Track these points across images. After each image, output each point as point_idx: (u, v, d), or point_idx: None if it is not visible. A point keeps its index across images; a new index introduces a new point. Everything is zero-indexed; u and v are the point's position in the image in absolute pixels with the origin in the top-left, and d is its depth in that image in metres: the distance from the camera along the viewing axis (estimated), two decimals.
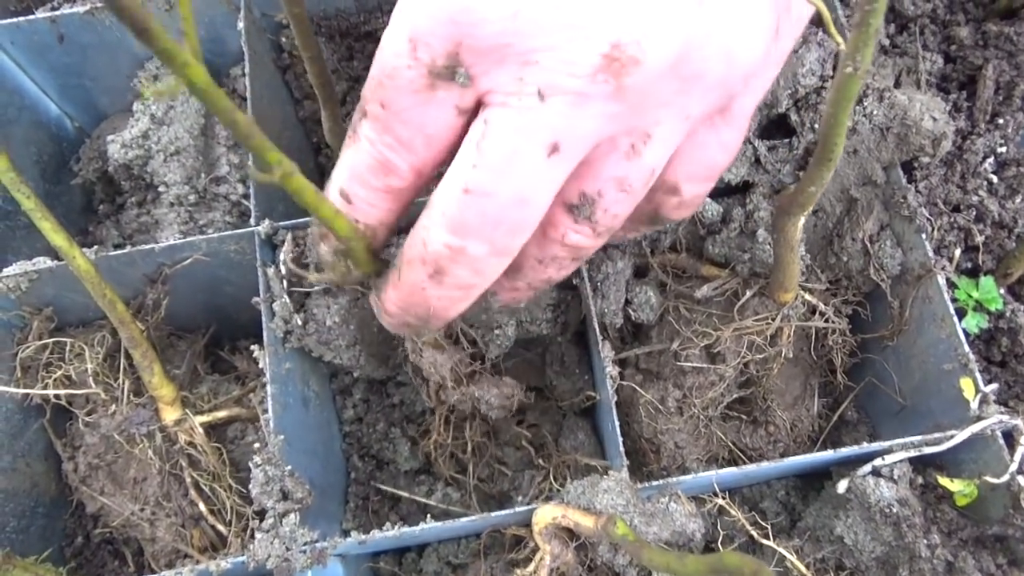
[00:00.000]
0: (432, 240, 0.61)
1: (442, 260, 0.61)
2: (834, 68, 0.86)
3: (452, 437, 0.99)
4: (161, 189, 1.07)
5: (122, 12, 0.39)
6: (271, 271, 0.89)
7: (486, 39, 0.55)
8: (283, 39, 1.12)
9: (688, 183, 0.71)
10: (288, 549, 0.76)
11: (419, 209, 0.65)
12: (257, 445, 0.93)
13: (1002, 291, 0.92)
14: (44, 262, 0.93)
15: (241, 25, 1.02)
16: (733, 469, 0.82)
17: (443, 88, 0.57)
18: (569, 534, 0.79)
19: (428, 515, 0.95)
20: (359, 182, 0.65)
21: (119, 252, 0.93)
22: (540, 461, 1.01)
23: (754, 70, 0.64)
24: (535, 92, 0.55)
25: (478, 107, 0.59)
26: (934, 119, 0.88)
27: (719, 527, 0.93)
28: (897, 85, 0.94)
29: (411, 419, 1.09)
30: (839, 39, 0.47)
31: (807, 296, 0.89)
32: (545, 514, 0.76)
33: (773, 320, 0.88)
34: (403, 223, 0.71)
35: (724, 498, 0.88)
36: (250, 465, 0.81)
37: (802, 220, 0.73)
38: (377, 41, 1.15)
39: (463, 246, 0.60)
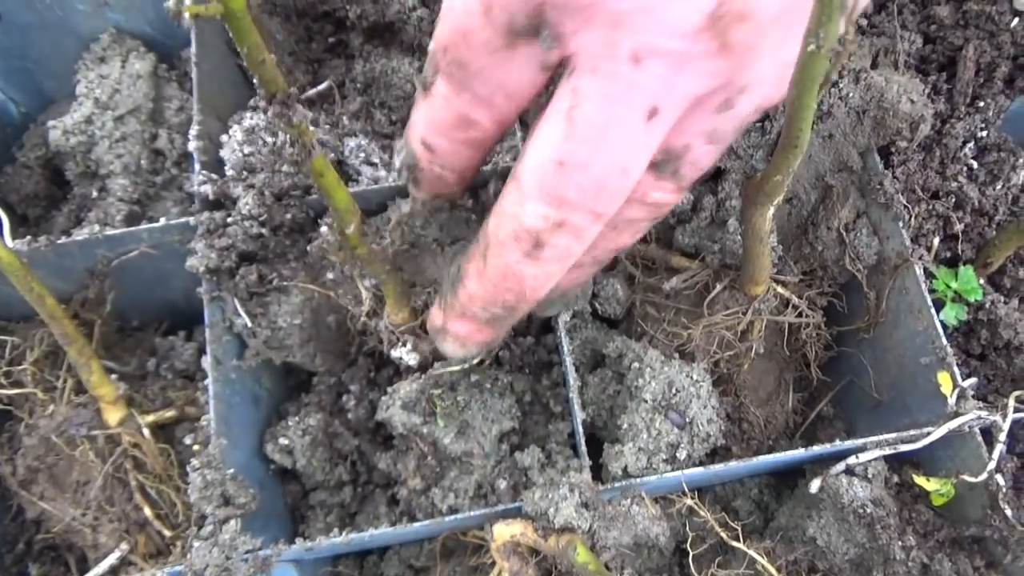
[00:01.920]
0: (528, 215, 0.58)
1: (542, 234, 0.58)
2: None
3: None
4: (107, 178, 1.01)
5: None
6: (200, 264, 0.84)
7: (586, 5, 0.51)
8: None
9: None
10: (228, 558, 0.72)
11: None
12: (197, 447, 0.89)
13: (981, 281, 0.88)
14: None
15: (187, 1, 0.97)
16: (700, 469, 0.78)
17: (525, 46, 0.54)
18: (529, 550, 0.75)
19: (381, 518, 0.91)
20: (439, 134, 0.63)
21: (55, 243, 0.88)
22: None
23: None
24: (628, 55, 0.51)
25: (561, 63, 0.55)
26: (912, 102, 0.84)
27: (688, 528, 0.89)
28: (874, 66, 0.90)
29: None
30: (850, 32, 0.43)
31: (779, 289, 0.86)
32: (503, 532, 0.72)
33: (744, 315, 0.84)
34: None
35: (693, 498, 0.84)
36: (188, 468, 0.76)
37: (771, 210, 0.69)
38: (338, 22, 1.11)
39: (564, 218, 0.57)
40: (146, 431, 0.92)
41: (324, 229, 0.81)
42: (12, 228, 0.95)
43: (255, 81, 0.49)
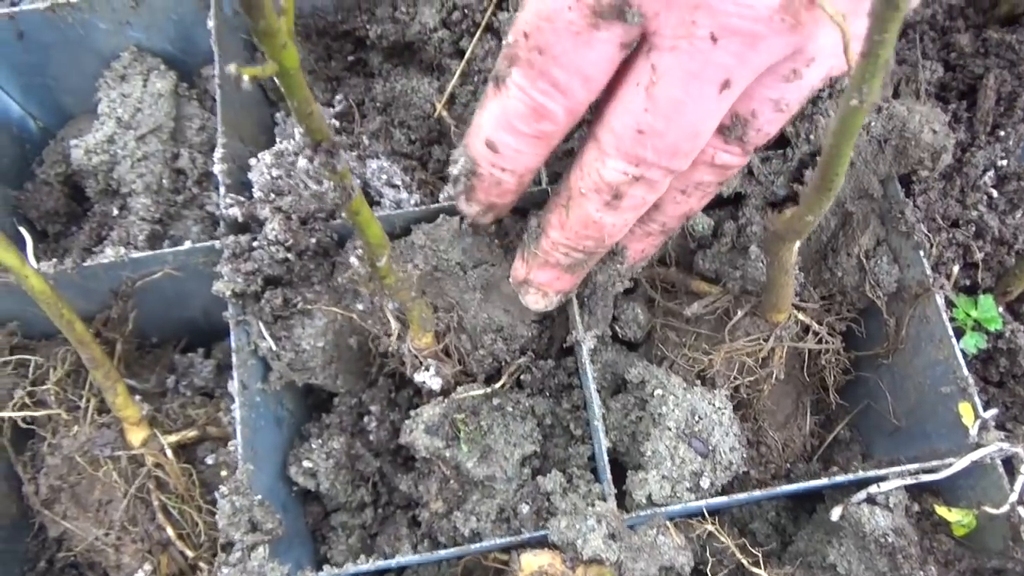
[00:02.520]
0: (609, 171, 0.64)
1: (621, 186, 0.65)
2: (831, 84, 0.82)
3: None
4: (128, 197, 1.02)
5: None
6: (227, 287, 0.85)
7: None
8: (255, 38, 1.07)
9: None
10: None
11: None
12: (225, 472, 0.90)
13: (1001, 309, 0.89)
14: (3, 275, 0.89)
15: (211, 23, 0.97)
16: (724, 498, 0.79)
17: (606, 27, 0.57)
18: None
19: (407, 543, 0.92)
20: (508, 130, 0.66)
21: (82, 266, 0.88)
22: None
23: None
24: (707, 35, 0.55)
25: (637, 43, 0.60)
26: (934, 131, 0.84)
27: (708, 552, 0.90)
28: (896, 95, 0.91)
29: None
30: (851, 60, 0.44)
31: (800, 315, 0.86)
32: (531, 562, 0.73)
33: (765, 341, 0.84)
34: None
35: (714, 523, 0.85)
36: (217, 495, 0.77)
37: (797, 244, 0.70)
38: (358, 41, 1.12)
39: (640, 173, 0.64)
40: (168, 452, 0.92)
41: (354, 261, 0.81)
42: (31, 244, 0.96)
43: (301, 130, 0.49)
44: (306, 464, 0.89)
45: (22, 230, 0.96)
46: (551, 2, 0.58)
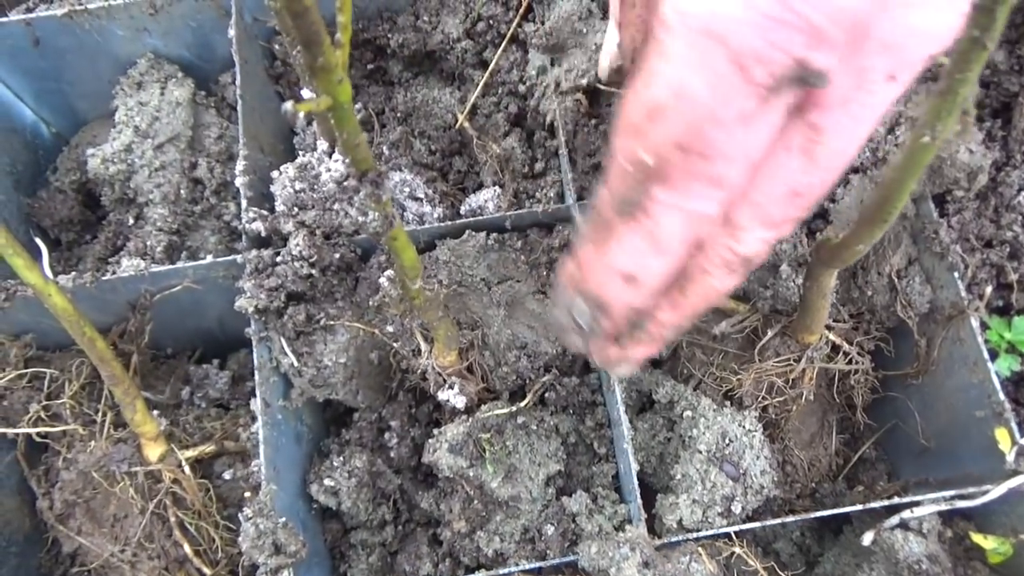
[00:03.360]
0: (748, 245, 0.54)
1: (756, 256, 0.55)
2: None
3: None
4: (145, 206, 1.00)
5: (298, 20, 0.35)
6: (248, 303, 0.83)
7: (845, 31, 0.44)
8: (276, 46, 1.06)
9: None
10: None
11: None
12: (245, 488, 0.88)
13: None
14: (18, 286, 0.87)
15: (232, 32, 0.95)
16: (756, 524, 0.77)
17: (776, 98, 0.47)
18: None
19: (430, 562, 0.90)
20: (655, 256, 0.54)
21: (101, 280, 0.86)
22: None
23: None
24: (885, 76, 0.46)
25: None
26: (970, 151, 0.83)
27: (735, 574, 0.89)
28: None
29: None
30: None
31: (831, 336, 0.85)
32: None
33: (796, 362, 0.83)
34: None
35: (742, 546, 0.84)
36: (240, 517, 0.75)
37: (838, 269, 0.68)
38: (378, 49, 1.10)
39: (780, 234, 0.55)
40: (186, 467, 0.91)
41: (384, 282, 0.80)
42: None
43: (348, 161, 0.48)
44: (328, 483, 0.87)
45: (38, 241, 0.94)
46: (711, 98, 0.46)
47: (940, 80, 0.39)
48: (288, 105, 0.38)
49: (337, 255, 0.85)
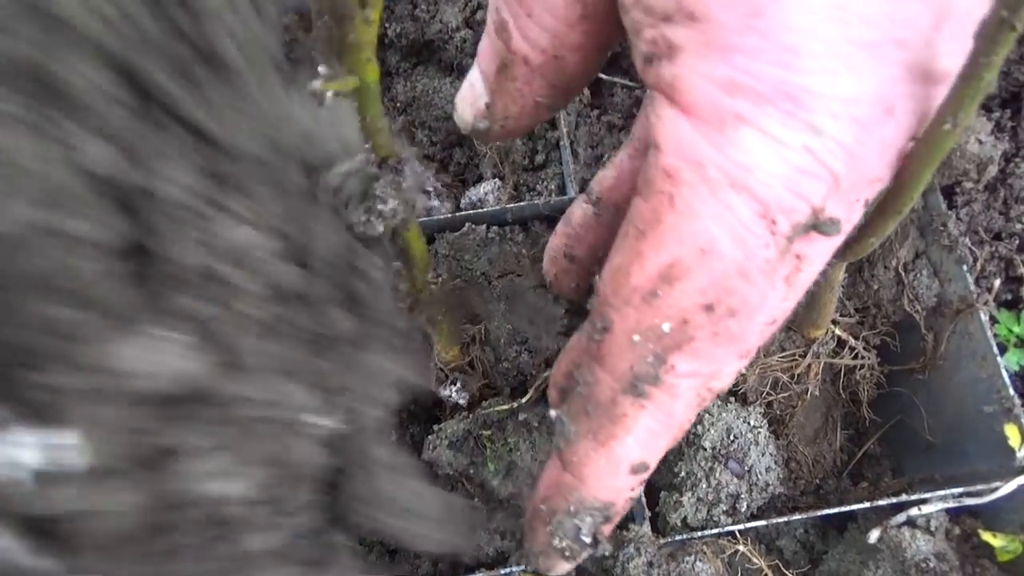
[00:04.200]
0: (724, 376, 0.48)
1: (720, 392, 0.50)
2: None
3: None
4: None
5: None
6: None
7: (862, 179, 0.43)
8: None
9: None
10: None
11: None
12: None
13: None
14: None
15: None
16: (762, 523, 0.76)
17: (791, 247, 0.43)
18: None
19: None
20: (668, 437, 0.49)
21: None
22: None
23: None
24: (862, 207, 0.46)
25: None
26: (980, 142, 0.81)
27: (739, 573, 0.88)
28: None
29: None
30: None
31: (837, 331, 0.83)
32: None
33: (802, 357, 0.81)
34: None
35: (746, 544, 0.83)
36: None
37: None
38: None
39: (745, 363, 0.50)
40: None
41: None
42: None
43: (368, 146, 0.46)
44: None
45: None
46: (739, 251, 0.42)
47: (965, 68, 0.37)
48: (316, 84, 0.36)
49: None
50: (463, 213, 0.87)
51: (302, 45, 0.37)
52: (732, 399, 0.86)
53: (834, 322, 0.86)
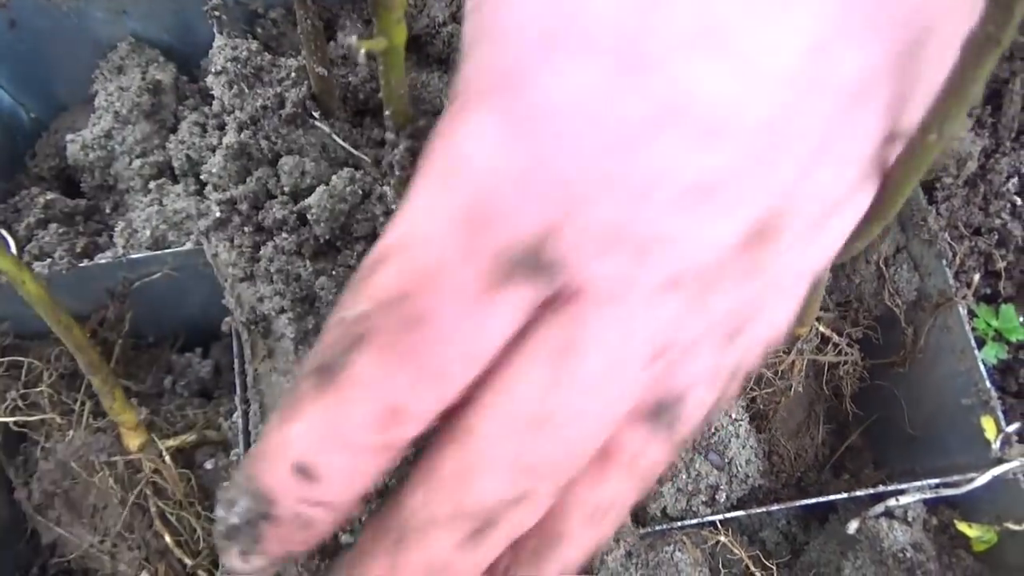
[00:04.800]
0: (480, 491, 0.41)
1: (496, 511, 0.42)
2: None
3: None
4: (126, 193, 0.98)
5: None
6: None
7: (598, 220, 0.37)
8: (259, 30, 1.04)
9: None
10: None
11: None
12: (227, 478, 0.87)
13: (1022, 319, 0.87)
14: None
15: (213, 14, 0.94)
16: (741, 513, 0.77)
17: (512, 288, 0.38)
18: None
19: None
20: (340, 447, 0.41)
21: (77, 266, 0.85)
22: None
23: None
24: (654, 286, 0.38)
25: (543, 305, 0.41)
26: (960, 138, 0.82)
27: (720, 563, 0.88)
28: None
29: None
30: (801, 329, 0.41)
31: (820, 327, 0.84)
32: None
33: (786, 354, 0.82)
34: None
35: (727, 535, 0.84)
36: (216, 506, 0.74)
37: None
38: None
39: (527, 490, 0.42)
40: (167, 457, 0.90)
41: None
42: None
43: (388, 112, 0.46)
44: None
45: (3, 233, 0.93)
46: (429, 255, 0.37)
47: (949, 77, 0.38)
48: (352, 39, 0.38)
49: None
50: None
51: None
52: None
53: (817, 318, 0.87)
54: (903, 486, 0.79)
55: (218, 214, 0.77)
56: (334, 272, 0.72)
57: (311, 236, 0.74)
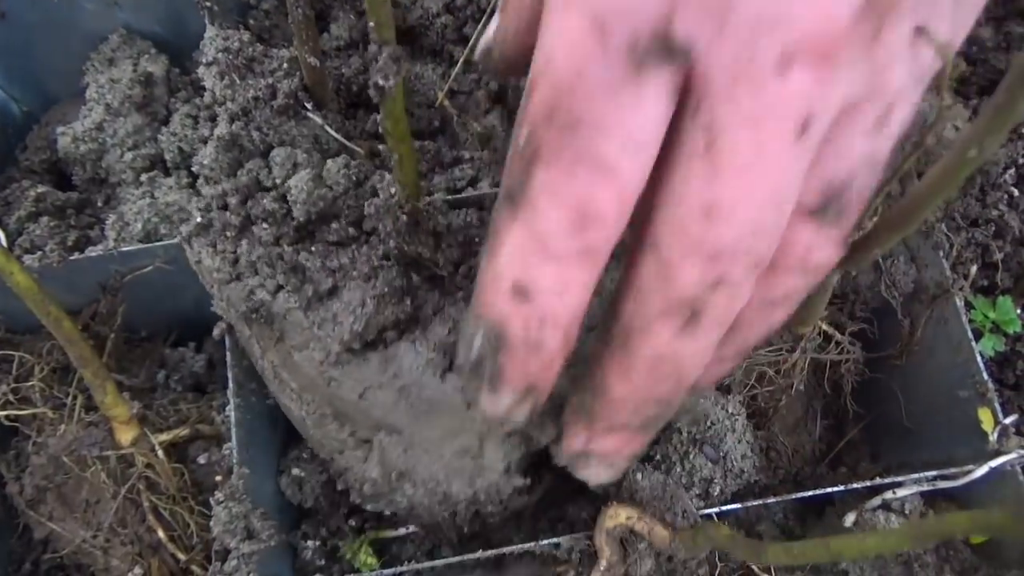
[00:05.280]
0: (681, 282, 0.46)
1: (699, 299, 0.47)
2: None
3: None
4: (117, 186, 0.98)
5: None
6: None
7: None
8: (251, 21, 1.03)
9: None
10: None
11: None
12: (219, 473, 0.87)
13: (1019, 311, 0.87)
14: None
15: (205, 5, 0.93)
16: (737, 506, 0.77)
17: (651, 74, 0.42)
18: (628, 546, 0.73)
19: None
20: (544, 259, 0.46)
21: (67, 259, 0.84)
22: None
23: None
24: (774, 61, 0.41)
25: (682, 105, 0.44)
26: (957, 129, 0.81)
27: (716, 556, 0.88)
28: None
29: None
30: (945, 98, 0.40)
31: (823, 325, 0.84)
32: (619, 512, 0.70)
33: (790, 353, 0.82)
34: None
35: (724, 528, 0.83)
36: (212, 501, 0.74)
37: None
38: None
39: (721, 272, 0.46)
40: (160, 451, 0.89)
41: None
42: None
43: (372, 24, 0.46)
44: (296, 472, 0.85)
45: None
46: (570, 59, 0.42)
47: (996, 93, 0.37)
48: None
49: None
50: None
51: None
52: (714, 388, 0.86)
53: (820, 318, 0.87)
54: (900, 479, 0.79)
55: (199, 219, 0.76)
56: (314, 248, 0.71)
57: (290, 228, 0.73)
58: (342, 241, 0.72)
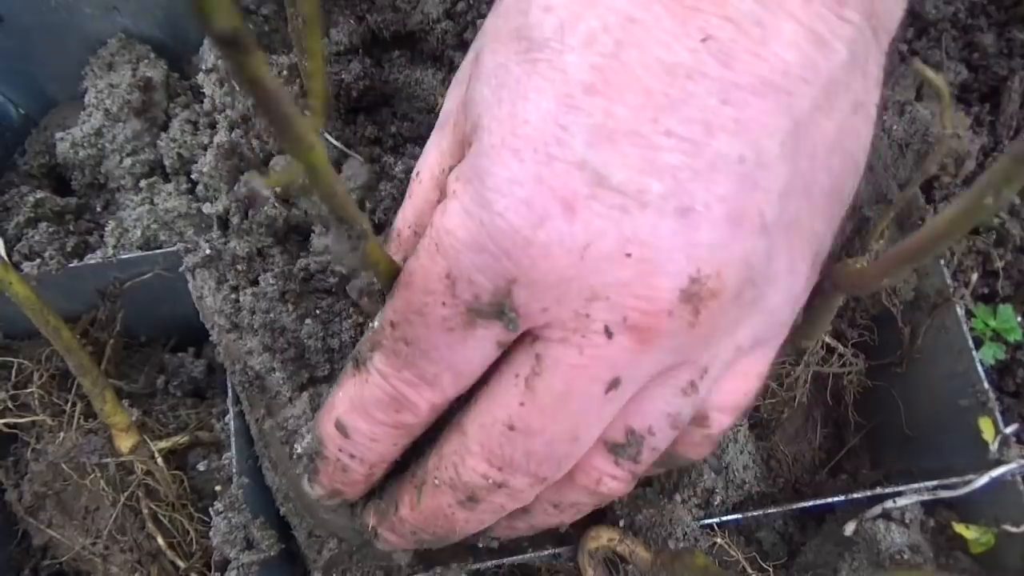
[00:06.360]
0: (468, 471, 0.56)
1: (479, 490, 0.57)
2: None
3: None
4: (116, 191, 0.97)
5: (250, 80, 0.32)
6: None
7: (548, 276, 0.48)
8: (250, 26, 1.02)
9: (720, 413, 0.62)
10: None
11: None
12: (219, 480, 0.87)
13: (1020, 319, 0.87)
14: None
15: None
16: (737, 516, 0.77)
17: (484, 326, 0.51)
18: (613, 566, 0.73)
19: None
20: (362, 416, 0.59)
21: (66, 267, 0.84)
22: None
23: (799, 294, 0.59)
24: (601, 329, 0.49)
25: (521, 336, 0.53)
26: (958, 136, 0.81)
27: (717, 564, 0.88)
28: (918, 97, 0.88)
29: None
30: (948, 126, 0.40)
31: (826, 338, 0.83)
32: (600, 534, 0.72)
33: (794, 367, 0.81)
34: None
35: (723, 537, 0.83)
36: (211, 511, 0.73)
37: None
38: None
39: (503, 479, 0.56)
40: (159, 459, 0.89)
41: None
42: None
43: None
44: None
45: None
46: (420, 296, 0.52)
47: (1017, 144, 0.36)
48: (254, 182, 0.37)
49: None
50: None
51: None
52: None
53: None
54: (900, 488, 0.78)
55: (207, 251, 0.76)
56: (317, 312, 0.72)
57: (295, 282, 0.73)
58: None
